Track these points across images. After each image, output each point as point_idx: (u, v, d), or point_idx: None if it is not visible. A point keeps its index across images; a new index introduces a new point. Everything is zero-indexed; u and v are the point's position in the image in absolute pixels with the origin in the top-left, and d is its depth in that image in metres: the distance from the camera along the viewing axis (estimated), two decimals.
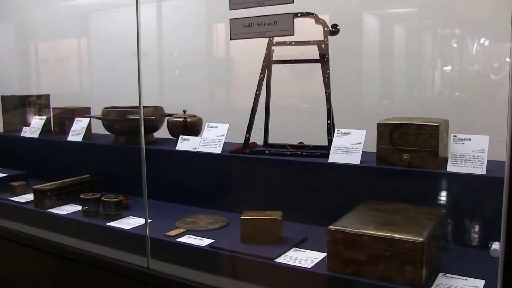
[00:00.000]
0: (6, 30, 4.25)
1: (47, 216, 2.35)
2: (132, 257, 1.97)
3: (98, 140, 2.84)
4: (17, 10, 4.01)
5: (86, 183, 2.55)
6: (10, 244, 2.48)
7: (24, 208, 2.49)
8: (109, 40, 3.42)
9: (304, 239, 1.81)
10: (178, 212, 2.23)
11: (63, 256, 2.21)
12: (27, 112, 3.34)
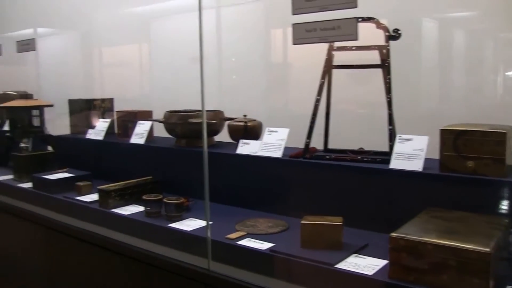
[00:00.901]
0: (73, 37, 4.42)
1: (111, 216, 2.43)
2: (193, 258, 2.00)
3: (159, 142, 2.91)
4: (82, 17, 4.16)
5: (148, 185, 2.63)
6: (75, 242, 2.57)
7: (89, 207, 2.58)
8: (169, 45, 3.50)
9: (365, 245, 1.80)
10: (237, 215, 2.25)
11: (125, 255, 2.28)
12: (92, 115, 3.46)
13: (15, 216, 3.07)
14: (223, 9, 3.27)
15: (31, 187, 3.07)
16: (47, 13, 4.40)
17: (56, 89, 4.22)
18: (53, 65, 4.38)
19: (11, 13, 4.77)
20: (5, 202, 3.19)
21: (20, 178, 3.26)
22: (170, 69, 3.48)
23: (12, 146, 3.62)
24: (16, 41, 3.45)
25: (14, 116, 3.59)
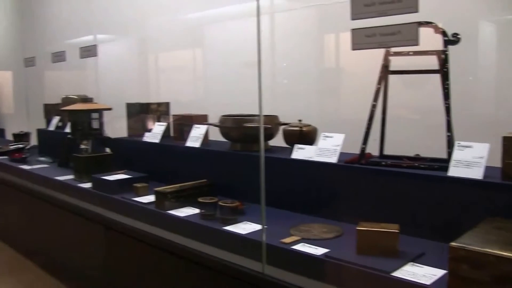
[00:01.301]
0: (130, 43, 4.55)
1: (167, 217, 2.48)
2: (247, 262, 2.02)
3: (214, 146, 2.96)
4: (139, 24, 4.27)
5: (203, 188, 2.67)
6: (132, 241, 2.65)
7: (145, 208, 2.65)
8: (223, 50, 3.55)
9: (421, 254, 1.77)
10: (291, 219, 2.26)
11: (180, 256, 2.32)
12: (148, 119, 3.56)
13: (75, 214, 3.18)
14: (277, 14, 3.29)
15: (91, 187, 3.18)
16: (106, 20, 4.55)
17: (114, 93, 4.35)
18: (111, 70, 4.51)
19: (74, 21, 4.96)
20: (66, 201, 3.32)
21: (80, 178, 3.38)
22: (224, 74, 3.53)
23: (73, 147, 3.76)
24: (79, 48, 3.59)
25: (75, 118, 3.73)
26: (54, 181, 3.58)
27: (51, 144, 4.58)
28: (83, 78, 4.93)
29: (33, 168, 4.08)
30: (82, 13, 4.83)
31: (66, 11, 5.17)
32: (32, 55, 4.42)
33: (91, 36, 4.68)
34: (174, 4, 3.79)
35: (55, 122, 4.68)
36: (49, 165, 4.20)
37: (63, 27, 5.23)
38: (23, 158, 4.49)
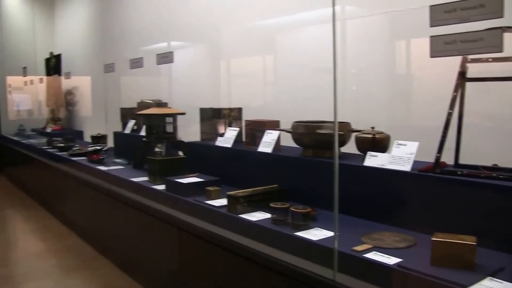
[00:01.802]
0: (202, 49, 4.66)
1: (239, 221, 2.53)
2: (318, 268, 2.03)
3: (286, 152, 2.98)
4: (211, 31, 4.37)
5: (274, 193, 2.71)
6: (203, 243, 2.71)
7: (218, 211, 2.71)
8: (294, 57, 3.57)
9: (501, 268, 1.71)
10: (363, 227, 2.25)
11: (251, 260, 2.35)
12: (221, 123, 3.63)
13: (149, 215, 3.30)
14: (348, 21, 3.28)
15: (164, 189, 3.28)
16: (180, 27, 4.69)
17: (187, 98, 4.48)
18: (184, 75, 4.65)
19: (150, 29, 5.15)
20: (141, 202, 3.44)
21: (154, 180, 3.50)
22: (295, 80, 3.55)
23: (147, 150, 3.91)
24: (156, 54, 3.72)
25: (150, 122, 3.87)
26: (129, 182, 3.72)
27: (127, 147, 4.77)
28: (158, 83, 5.10)
29: (109, 169, 4.26)
30: (158, 21, 5.01)
31: (143, 19, 5.38)
32: (111, 61, 4.62)
33: (165, 43, 4.85)
34: (247, 12, 3.86)
35: (131, 126, 4.87)
36: (125, 167, 4.37)
37: (140, 34, 5.44)
38: (100, 160, 4.71)
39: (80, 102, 7.79)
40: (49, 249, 4.60)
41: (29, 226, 5.57)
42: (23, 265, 4.25)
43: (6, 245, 5.04)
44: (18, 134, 8.44)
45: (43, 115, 8.20)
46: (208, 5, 4.28)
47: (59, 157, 5.56)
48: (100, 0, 6.75)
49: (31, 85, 8.30)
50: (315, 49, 3.33)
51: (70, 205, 5.19)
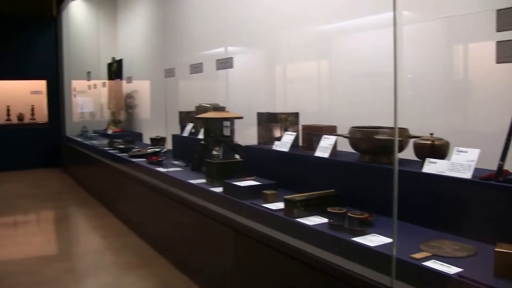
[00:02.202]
0: (258, 54, 4.71)
1: (295, 225, 2.55)
2: (375, 274, 2.02)
3: (343, 157, 2.98)
4: (267, 36, 4.41)
5: (330, 197, 2.71)
6: (260, 246, 2.74)
7: (274, 215, 2.73)
8: (349, 62, 3.55)
9: None
10: (421, 234, 2.22)
11: (307, 264, 2.36)
12: (277, 128, 3.66)
13: (206, 217, 3.36)
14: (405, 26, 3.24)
15: (222, 191, 3.34)
16: (237, 33, 4.76)
17: (243, 102, 4.53)
18: (241, 80, 4.71)
19: (207, 34, 5.26)
20: (198, 203, 3.51)
21: (212, 182, 3.57)
22: (351, 85, 3.53)
23: (205, 153, 3.99)
24: (215, 60, 3.79)
25: (208, 126, 3.95)
26: (187, 184, 3.81)
27: (185, 149, 4.88)
28: (215, 88, 5.19)
29: (168, 170, 4.37)
30: (215, 26, 5.10)
31: (201, 25, 5.49)
32: (171, 66, 4.74)
33: (222, 48, 4.93)
34: (304, 17, 3.88)
35: (189, 129, 4.98)
36: (183, 169, 4.48)
37: (197, 39, 5.56)
38: (159, 161, 4.84)
39: (140, 105, 8.03)
40: (109, 246, 4.76)
41: (90, 224, 5.79)
42: (85, 260, 4.42)
43: (69, 241, 5.26)
44: (81, 135, 8.79)
45: (105, 118, 8.50)
46: (265, 11, 4.33)
47: (119, 158, 5.75)
48: (160, 7, 6.94)
49: (95, 89, 8.62)
50: (371, 54, 3.31)
51: (129, 204, 5.36)
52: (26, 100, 10.04)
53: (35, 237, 5.29)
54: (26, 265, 4.26)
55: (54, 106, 10.08)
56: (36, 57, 9.86)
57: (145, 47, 7.66)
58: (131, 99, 8.20)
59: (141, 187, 4.77)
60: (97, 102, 8.99)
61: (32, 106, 10.05)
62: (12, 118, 9.85)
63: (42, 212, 6.64)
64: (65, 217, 6.45)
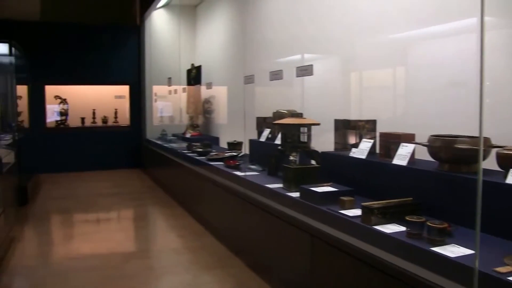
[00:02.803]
0: (334, 61, 4.71)
1: (372, 232, 2.56)
2: (455, 286, 2.00)
3: (421, 165, 2.96)
4: (343, 43, 4.42)
5: (408, 206, 2.70)
6: (335, 252, 2.77)
7: (351, 221, 2.75)
8: (427, 69, 3.50)
9: None
10: (505, 247, 2.17)
11: (384, 272, 2.37)
12: (354, 135, 3.68)
13: (283, 221, 3.43)
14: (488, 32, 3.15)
15: (298, 196, 3.40)
16: (312, 40, 4.81)
17: (319, 109, 4.57)
18: (316, 87, 4.74)
19: (285, 41, 5.34)
20: (275, 207, 3.59)
21: (289, 187, 3.64)
22: (429, 93, 3.48)
23: (282, 158, 4.06)
24: (295, 67, 3.86)
25: (285, 132, 4.02)
26: (264, 188, 3.89)
27: (261, 154, 4.98)
28: (291, 94, 5.26)
29: (245, 174, 4.48)
30: (292, 34, 5.17)
31: (278, 32, 5.58)
32: (248, 73, 4.86)
33: (299, 55, 5.00)
34: (380, 24, 3.86)
35: (266, 134, 5.07)
36: (259, 173, 4.57)
37: (275, 47, 5.66)
38: (236, 165, 4.97)
39: (217, 110, 8.24)
40: (186, 246, 4.94)
41: (168, 223, 6.03)
42: (164, 258, 4.62)
43: (149, 239, 5.51)
44: (161, 138, 9.14)
45: (183, 122, 8.79)
46: (342, 18, 4.35)
47: (198, 161, 5.94)
48: (239, 15, 7.11)
49: (175, 94, 8.94)
50: (451, 61, 3.26)
51: (206, 206, 5.53)
52: (110, 104, 10.59)
53: (117, 234, 5.59)
54: (109, 260, 4.52)
55: (135, 110, 10.57)
56: (120, 64, 10.39)
57: (223, 53, 7.87)
58: (209, 104, 8.44)
59: (218, 190, 4.91)
60: (176, 107, 9.31)
61: (115, 110, 10.58)
62: (97, 121, 10.41)
63: (123, 210, 6.98)
64: (145, 215, 6.75)
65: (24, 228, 5.72)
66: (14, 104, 7.15)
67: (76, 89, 10.32)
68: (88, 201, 7.38)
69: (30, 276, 4.17)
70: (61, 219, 6.50)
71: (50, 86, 10.03)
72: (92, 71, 10.14)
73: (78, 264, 4.40)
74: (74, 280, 3.99)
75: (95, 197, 7.62)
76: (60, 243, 5.29)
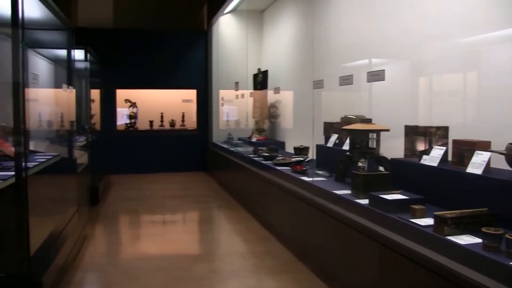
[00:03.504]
0: (402, 66, 4.60)
1: (445, 243, 2.49)
2: None
3: (497, 174, 2.85)
4: (410, 47, 4.32)
5: (484, 217, 2.61)
6: (407, 262, 2.70)
7: (423, 231, 2.69)
8: (502, 74, 3.36)
9: None
10: None
11: (458, 285, 2.30)
12: (425, 141, 3.58)
13: (350, 228, 3.39)
14: None
15: (367, 203, 3.35)
16: (380, 45, 4.73)
17: (386, 114, 4.49)
18: (383, 92, 4.66)
19: (352, 46, 5.28)
20: (342, 214, 3.56)
21: (357, 194, 3.59)
22: (503, 99, 3.34)
23: (350, 164, 4.02)
24: (366, 72, 3.81)
25: (354, 137, 3.98)
26: (332, 194, 3.87)
27: (328, 159, 4.95)
28: (357, 99, 5.19)
29: (312, 180, 4.46)
30: (359, 38, 5.11)
31: (345, 37, 5.53)
32: (317, 78, 4.84)
33: (366, 60, 4.93)
34: (450, 27, 3.75)
35: (333, 139, 5.03)
36: (326, 179, 4.54)
37: (342, 51, 5.61)
38: (303, 170, 4.96)
39: (282, 114, 8.26)
40: (251, 250, 4.98)
41: (233, 227, 6.09)
42: (229, 262, 4.67)
43: (214, 242, 5.60)
44: (227, 142, 9.27)
45: (249, 126, 8.87)
46: (410, 22, 4.25)
47: (264, 165, 5.98)
48: (306, 19, 7.10)
49: (242, 98, 9.04)
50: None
51: (271, 210, 5.55)
52: (177, 108, 10.86)
53: (183, 236, 5.71)
54: (176, 262, 4.62)
55: (202, 113, 10.78)
56: (188, 68, 10.64)
57: (289, 58, 7.88)
58: (274, 109, 8.47)
59: (284, 194, 4.92)
60: (242, 111, 9.41)
61: (182, 114, 10.83)
62: (165, 124, 10.69)
63: (189, 213, 7.13)
64: (210, 218, 6.86)
65: (95, 226, 5.96)
66: (88, 107, 7.47)
67: (145, 93, 10.67)
68: (155, 202, 7.59)
69: (101, 273, 4.34)
70: (129, 219, 6.73)
71: (121, 90, 10.45)
72: (161, 75, 10.46)
73: (146, 264, 4.53)
74: (143, 280, 4.11)
75: (162, 199, 7.82)
76: (129, 243, 5.47)
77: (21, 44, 2.96)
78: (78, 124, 6.73)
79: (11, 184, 3.06)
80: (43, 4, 3.85)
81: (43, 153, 4.24)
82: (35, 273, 3.17)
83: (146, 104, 10.72)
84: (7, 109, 4.45)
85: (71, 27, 5.23)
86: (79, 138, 6.53)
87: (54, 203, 4.46)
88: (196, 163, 10.67)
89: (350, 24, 5.47)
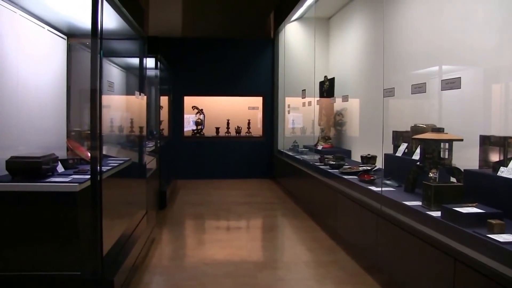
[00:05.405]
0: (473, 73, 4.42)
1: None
2: None
3: None
4: (483, 54, 4.14)
5: None
6: (484, 280, 2.58)
7: (502, 248, 2.56)
8: None
9: None
10: None
11: None
12: (502, 152, 3.41)
13: (421, 241, 3.28)
14: None
15: (439, 216, 3.23)
16: (450, 52, 4.58)
17: (457, 123, 4.33)
18: (454, 100, 4.50)
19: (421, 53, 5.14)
20: (413, 226, 3.44)
21: (428, 206, 3.47)
22: None
23: (420, 174, 3.89)
24: (441, 80, 3.68)
25: (425, 147, 3.86)
26: (401, 205, 3.76)
27: (397, 169, 4.82)
28: (427, 107, 5.04)
29: (381, 190, 4.36)
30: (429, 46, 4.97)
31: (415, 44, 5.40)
32: (386, 86, 4.72)
33: (436, 67, 4.78)
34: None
35: (403, 149, 4.90)
36: (395, 189, 4.42)
37: (411, 58, 5.47)
38: (371, 180, 4.86)
39: (349, 122, 8.15)
40: (317, 260, 4.92)
41: (298, 235, 6.05)
42: (295, 271, 4.63)
43: (279, 250, 5.58)
44: (292, 149, 9.25)
45: (314, 133, 8.81)
46: (483, 29, 4.08)
47: (330, 174, 5.91)
48: (374, 26, 6.98)
49: (309, 106, 9.00)
50: None
51: (337, 219, 5.46)
52: (243, 115, 10.96)
53: (249, 243, 5.72)
54: (242, 268, 4.63)
55: (268, 121, 10.82)
56: (255, 76, 10.73)
57: (356, 65, 7.77)
58: (340, 117, 8.37)
59: (351, 204, 4.84)
60: (308, 118, 9.37)
61: (248, 121, 10.91)
62: (231, 131, 10.81)
63: (254, 220, 7.14)
64: (275, 226, 6.85)
65: (162, 230, 6.09)
66: (157, 113, 7.68)
67: (211, 100, 10.85)
68: (221, 208, 7.67)
69: (168, 277, 4.41)
70: (195, 224, 6.83)
71: (188, 97, 10.67)
72: (228, 82, 10.61)
73: (213, 269, 4.57)
74: (209, 285, 4.15)
75: (227, 205, 7.88)
76: (195, 248, 5.54)
77: (99, 54, 3.07)
78: (148, 130, 6.92)
79: (87, 186, 3.18)
80: (118, 15, 3.99)
81: (114, 157, 4.39)
82: (107, 273, 3.27)
83: (213, 111, 10.89)
84: (83, 115, 4.65)
85: (144, 37, 5.40)
86: (148, 143, 6.71)
87: (125, 206, 4.59)
88: (261, 170, 10.71)
89: (419, 30, 5.33)
